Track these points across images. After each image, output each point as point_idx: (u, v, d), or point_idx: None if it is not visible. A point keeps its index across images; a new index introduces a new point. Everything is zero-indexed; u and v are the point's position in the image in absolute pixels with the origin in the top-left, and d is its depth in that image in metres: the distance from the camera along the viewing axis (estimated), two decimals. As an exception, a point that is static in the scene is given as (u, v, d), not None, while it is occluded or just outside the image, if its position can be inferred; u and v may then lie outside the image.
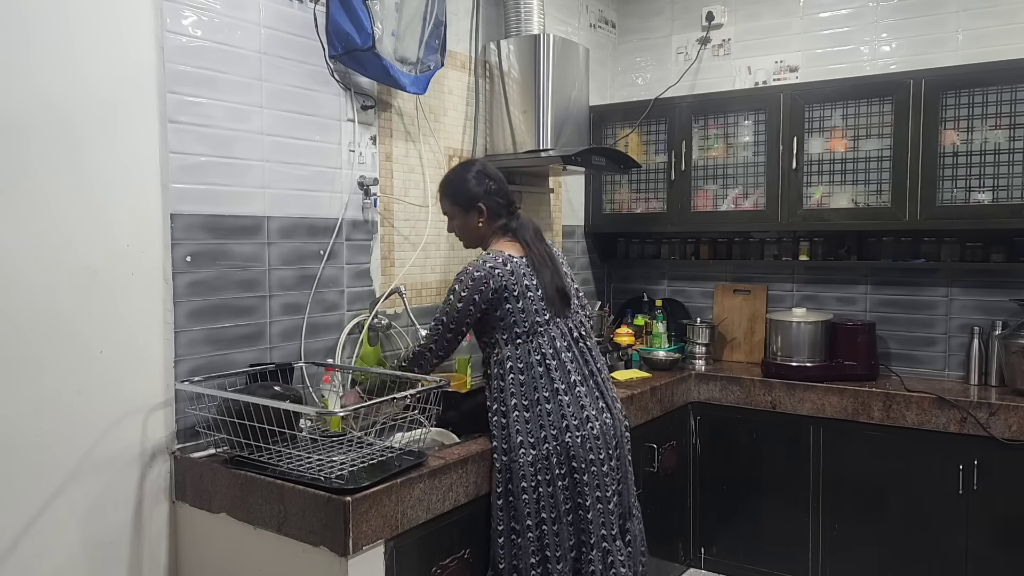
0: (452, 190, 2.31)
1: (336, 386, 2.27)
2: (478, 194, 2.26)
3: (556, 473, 2.12)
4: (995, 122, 2.91)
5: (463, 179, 2.29)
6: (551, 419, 2.14)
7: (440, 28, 2.59)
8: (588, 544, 2.15)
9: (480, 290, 2.16)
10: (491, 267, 2.18)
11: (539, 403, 2.15)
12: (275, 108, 2.28)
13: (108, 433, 1.93)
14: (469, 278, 2.17)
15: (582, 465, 2.14)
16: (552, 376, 2.17)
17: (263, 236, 2.26)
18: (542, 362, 2.18)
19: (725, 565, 3.33)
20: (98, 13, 1.88)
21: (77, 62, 1.84)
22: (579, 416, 2.17)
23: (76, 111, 1.85)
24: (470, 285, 2.16)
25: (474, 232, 2.31)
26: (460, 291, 2.17)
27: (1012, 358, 2.90)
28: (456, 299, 2.18)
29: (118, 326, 1.94)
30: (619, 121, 3.74)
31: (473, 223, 2.29)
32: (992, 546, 2.78)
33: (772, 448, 3.19)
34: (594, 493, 2.15)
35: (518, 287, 2.19)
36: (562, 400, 2.16)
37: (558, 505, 2.13)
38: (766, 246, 3.55)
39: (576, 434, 2.14)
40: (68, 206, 1.84)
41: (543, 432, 2.13)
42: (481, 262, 2.20)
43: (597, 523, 2.15)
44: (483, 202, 2.26)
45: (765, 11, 3.63)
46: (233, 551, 1.97)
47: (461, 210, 2.29)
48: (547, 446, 2.12)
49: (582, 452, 2.14)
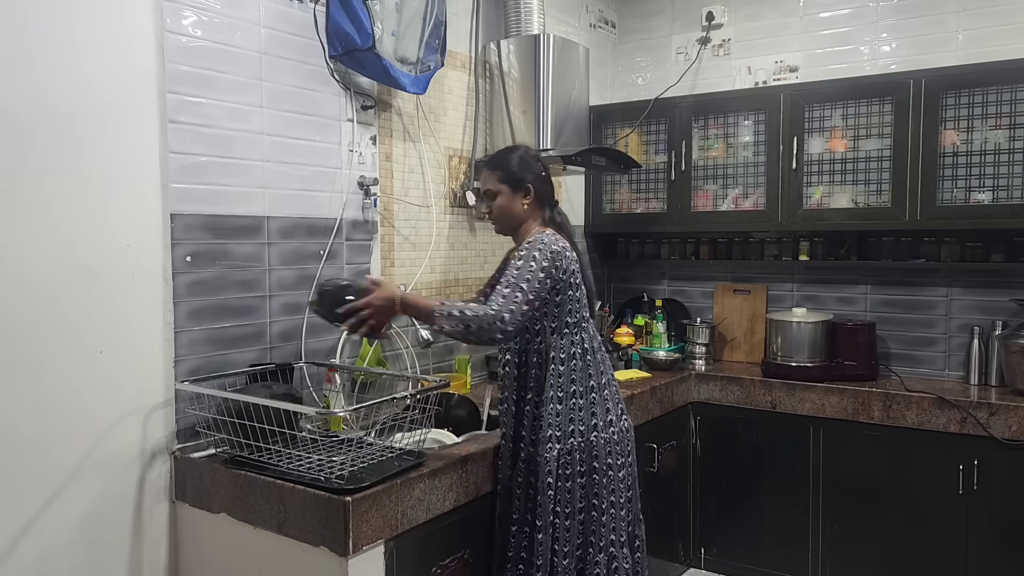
0: (504, 166, 2.20)
1: (337, 386, 2.28)
2: (528, 176, 2.19)
3: (576, 470, 2.10)
4: (995, 122, 2.91)
5: (518, 158, 2.21)
6: (581, 414, 2.12)
7: (440, 28, 2.59)
8: (596, 546, 2.13)
9: (557, 265, 2.06)
10: (564, 246, 2.11)
11: (573, 396, 2.12)
12: (275, 108, 2.28)
13: (108, 433, 1.94)
14: (548, 249, 2.06)
15: (602, 467, 2.13)
16: (590, 371, 2.14)
17: (263, 236, 2.26)
18: (582, 356, 2.14)
19: (725, 565, 3.33)
20: (98, 13, 1.88)
21: (77, 62, 1.84)
22: (605, 418, 2.15)
23: (76, 111, 1.85)
24: (549, 256, 2.04)
25: (516, 214, 2.19)
26: (541, 260, 2.03)
27: (1012, 358, 2.90)
28: (538, 267, 2.02)
29: (118, 326, 1.94)
30: (619, 121, 3.74)
31: (518, 204, 2.18)
32: (992, 546, 2.78)
33: (772, 448, 3.18)
34: (608, 497, 2.14)
35: (578, 276, 2.15)
36: (594, 397, 2.14)
37: (573, 502, 2.11)
38: (766, 246, 3.55)
39: (601, 434, 2.13)
40: (68, 206, 1.84)
41: (571, 427, 2.10)
42: (553, 237, 2.11)
43: (608, 527, 2.14)
44: (533, 184, 2.19)
45: (765, 11, 3.63)
46: (233, 551, 1.97)
47: (509, 188, 2.18)
48: (572, 441, 2.10)
49: (603, 453, 2.13)
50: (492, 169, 2.22)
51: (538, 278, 2.02)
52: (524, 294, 1.99)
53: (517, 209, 2.19)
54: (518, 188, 2.18)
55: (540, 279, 2.02)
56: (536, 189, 2.19)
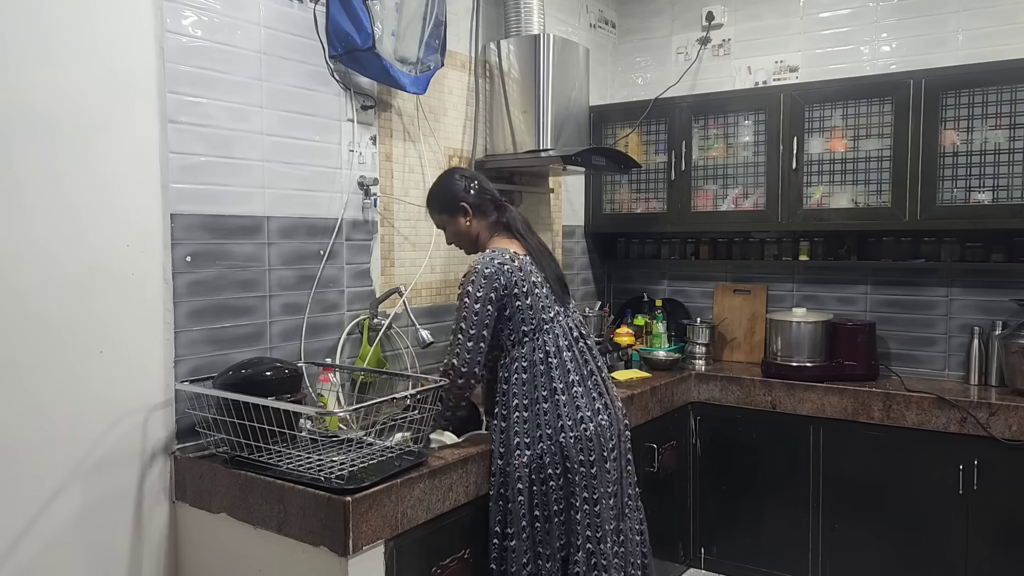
0: (435, 199, 2.35)
1: (335, 386, 2.27)
2: (458, 194, 2.28)
3: (549, 472, 2.12)
4: (995, 122, 2.91)
5: (442, 185, 2.33)
6: (547, 418, 2.14)
7: (440, 28, 2.59)
8: (575, 545, 2.14)
9: (494, 287, 2.14)
10: (499, 263, 2.16)
11: (537, 402, 2.15)
12: (275, 108, 2.28)
13: (108, 433, 1.93)
14: (481, 276, 2.14)
15: (574, 465, 2.14)
16: (552, 375, 2.17)
17: (263, 236, 2.26)
18: (544, 360, 2.17)
19: (725, 565, 3.33)
20: (98, 13, 1.88)
21: (77, 62, 1.84)
22: (574, 416, 2.16)
23: (76, 111, 1.85)
24: (483, 284, 2.14)
25: (467, 234, 2.31)
26: (475, 292, 2.13)
27: (1012, 358, 2.90)
28: (472, 300, 2.13)
29: (118, 326, 1.94)
30: (619, 121, 3.74)
31: (463, 225, 2.29)
32: (992, 546, 2.78)
33: (772, 448, 3.18)
34: (582, 494, 2.14)
35: (526, 283, 2.18)
36: (559, 400, 2.16)
37: (550, 504, 2.13)
38: (766, 246, 3.55)
39: (570, 434, 2.14)
40: (68, 206, 1.84)
41: (539, 431, 2.13)
42: (488, 259, 2.18)
43: (583, 524, 2.14)
44: (465, 200, 2.27)
45: (765, 11, 3.63)
46: (233, 551, 1.97)
47: (449, 215, 2.31)
48: (542, 445, 2.12)
49: (574, 452, 2.14)
50: (429, 207, 2.38)
51: (475, 311, 2.13)
52: (465, 335, 2.14)
53: (463, 229, 2.31)
54: (455, 212, 2.29)
55: (477, 311, 2.13)
56: (471, 203, 2.28)
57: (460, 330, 2.15)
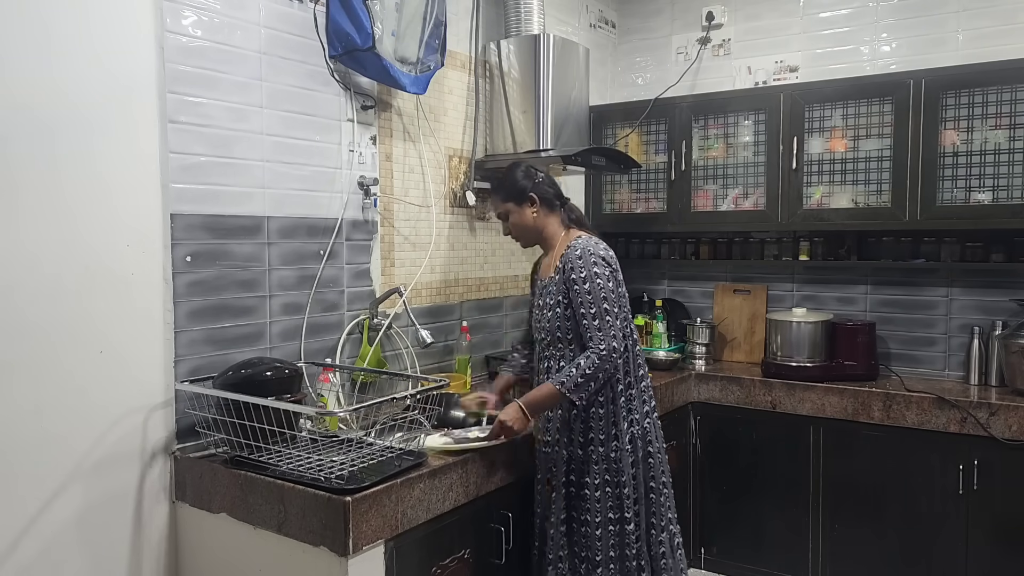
0: (502, 187, 2.32)
1: (335, 386, 2.27)
2: (527, 185, 2.28)
3: (639, 456, 2.20)
4: (995, 122, 2.91)
5: (511, 176, 2.32)
6: (635, 404, 2.22)
7: (440, 28, 2.59)
8: (658, 526, 2.22)
9: (614, 269, 2.19)
10: (605, 248, 2.22)
11: (631, 386, 2.22)
12: (275, 108, 2.28)
13: (108, 433, 1.94)
14: (599, 257, 2.16)
15: (654, 450, 2.24)
16: (638, 361, 2.26)
17: (263, 236, 2.26)
18: (631, 347, 2.24)
19: (725, 565, 3.33)
20: (98, 13, 1.88)
21: (76, 62, 1.84)
22: (649, 403, 2.27)
23: (75, 111, 1.85)
24: (604, 262, 2.17)
25: (531, 225, 2.29)
26: (603, 271, 2.14)
27: (1012, 358, 2.90)
28: (605, 281, 2.13)
29: (118, 326, 1.94)
30: (619, 121, 3.74)
31: (528, 215, 2.28)
32: (992, 546, 2.78)
33: (772, 448, 3.18)
34: (661, 478, 2.25)
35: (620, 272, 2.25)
36: (643, 385, 2.26)
37: (639, 487, 2.20)
38: (766, 246, 3.55)
39: (648, 419, 2.25)
40: (68, 206, 1.84)
41: (631, 416, 2.20)
42: (595, 243, 2.21)
43: (666, 505, 2.25)
44: (534, 192, 2.27)
45: (765, 11, 3.63)
46: (233, 551, 1.97)
47: (515, 204, 2.29)
48: (633, 430, 2.20)
49: (654, 437, 2.24)
50: (494, 192, 2.38)
51: (613, 291, 2.14)
52: (613, 316, 2.10)
53: (529, 220, 2.29)
54: (522, 201, 2.28)
55: (612, 290, 2.14)
56: (539, 195, 2.28)
57: (604, 314, 2.09)
